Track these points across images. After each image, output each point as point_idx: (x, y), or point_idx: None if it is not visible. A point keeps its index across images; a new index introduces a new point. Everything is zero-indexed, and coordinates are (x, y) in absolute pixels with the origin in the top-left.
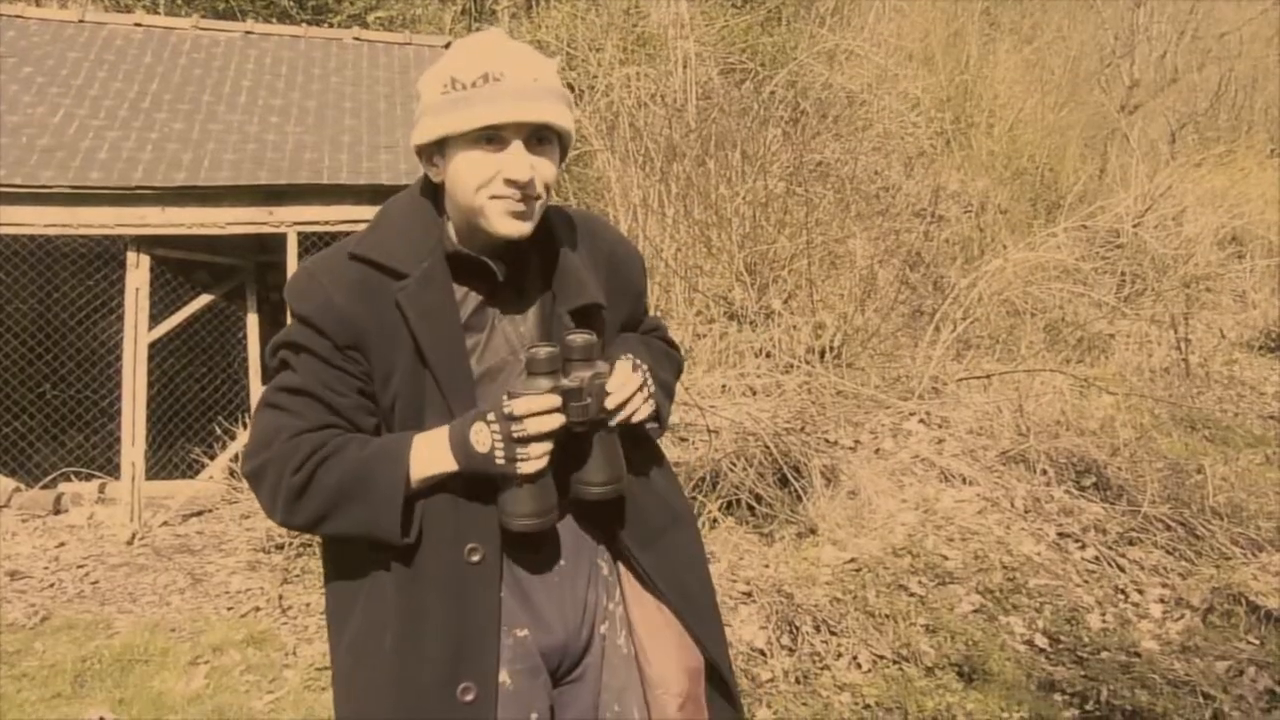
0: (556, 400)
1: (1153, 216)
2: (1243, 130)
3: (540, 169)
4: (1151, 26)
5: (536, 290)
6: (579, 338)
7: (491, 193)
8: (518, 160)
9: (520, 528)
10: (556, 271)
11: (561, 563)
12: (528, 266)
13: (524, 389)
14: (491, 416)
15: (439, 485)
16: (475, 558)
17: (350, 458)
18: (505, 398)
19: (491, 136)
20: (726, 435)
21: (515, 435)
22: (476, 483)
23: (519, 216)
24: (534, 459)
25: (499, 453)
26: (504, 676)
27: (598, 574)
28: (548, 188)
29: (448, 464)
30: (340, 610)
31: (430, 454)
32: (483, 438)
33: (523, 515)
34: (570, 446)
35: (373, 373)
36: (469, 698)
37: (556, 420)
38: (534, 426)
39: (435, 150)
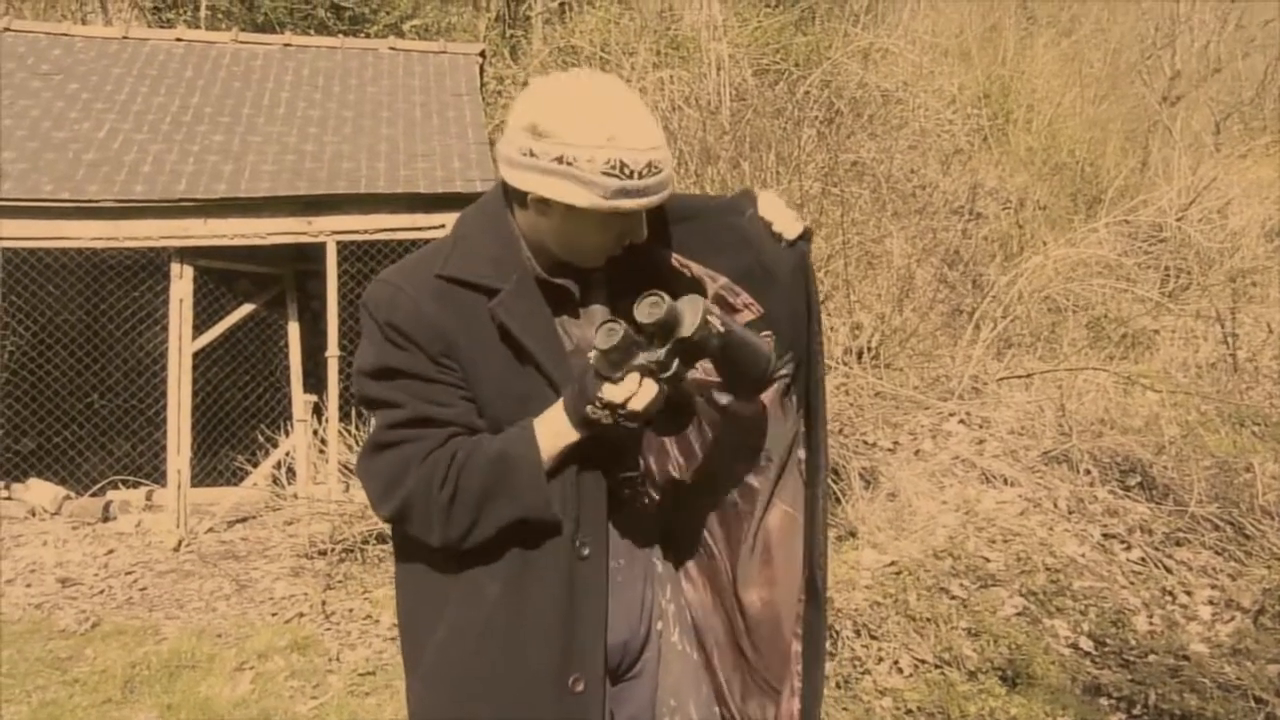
0: (635, 385)
1: (1197, 209)
2: None
3: None
4: (1193, 16)
5: (599, 299)
6: (649, 313)
7: (608, 251)
8: (643, 229)
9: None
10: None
11: (621, 561)
12: (594, 280)
13: (610, 371)
14: (600, 404)
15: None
16: (585, 551)
17: (485, 455)
18: (600, 384)
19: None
20: None
21: (623, 415)
22: (589, 480)
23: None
24: (645, 416)
25: (620, 423)
26: None
27: (653, 571)
28: None
29: (570, 435)
30: (425, 611)
31: (554, 431)
32: (599, 416)
33: (671, 429)
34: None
35: (471, 379)
36: (579, 688)
37: (650, 393)
38: (635, 405)
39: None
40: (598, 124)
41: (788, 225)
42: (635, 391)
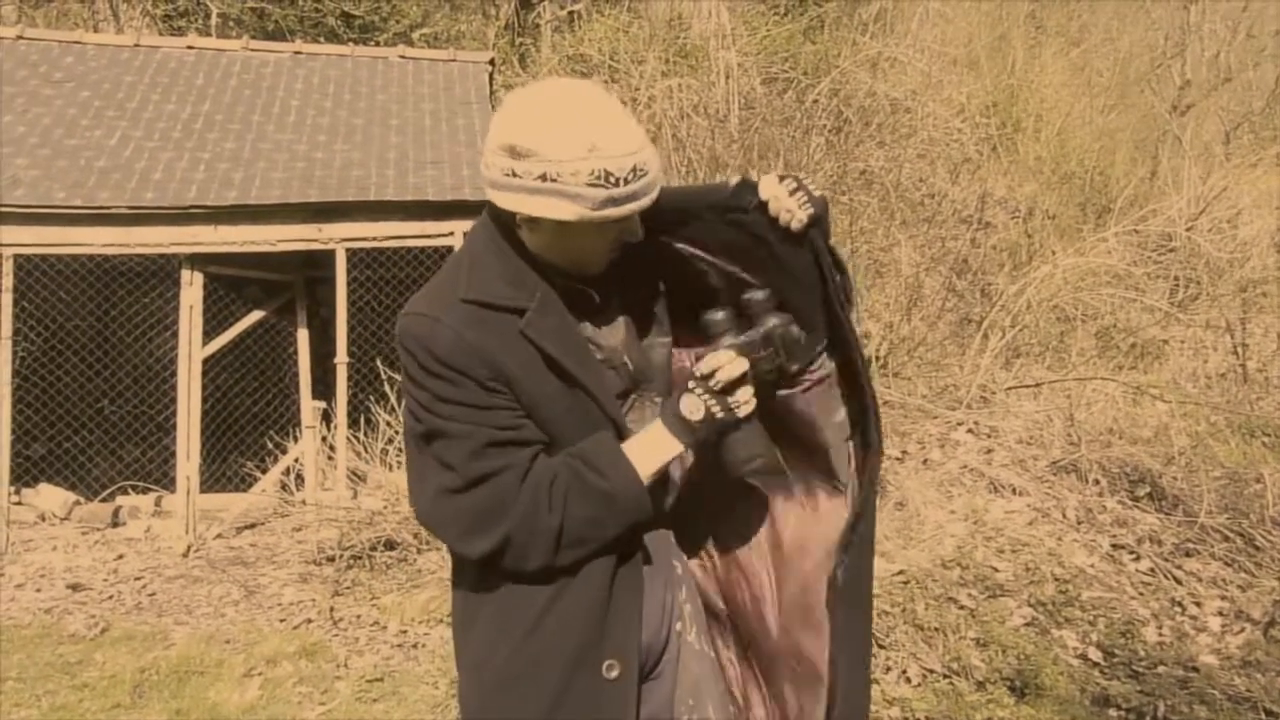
0: (733, 354)
1: (1207, 219)
2: None
3: None
4: (1203, 25)
5: (617, 308)
6: (756, 294)
7: (606, 256)
8: (639, 228)
9: (755, 468)
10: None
11: (646, 565)
12: (610, 286)
13: (710, 350)
14: (691, 385)
15: None
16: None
17: (588, 487)
18: (695, 364)
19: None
20: None
21: (715, 388)
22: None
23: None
24: (744, 403)
25: (715, 409)
26: None
27: (673, 574)
28: None
29: (674, 448)
30: (472, 604)
31: (653, 450)
32: (694, 405)
33: (754, 457)
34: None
35: (519, 401)
36: (613, 674)
37: (741, 365)
38: (723, 376)
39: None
40: (576, 136)
41: (793, 214)
42: (727, 363)
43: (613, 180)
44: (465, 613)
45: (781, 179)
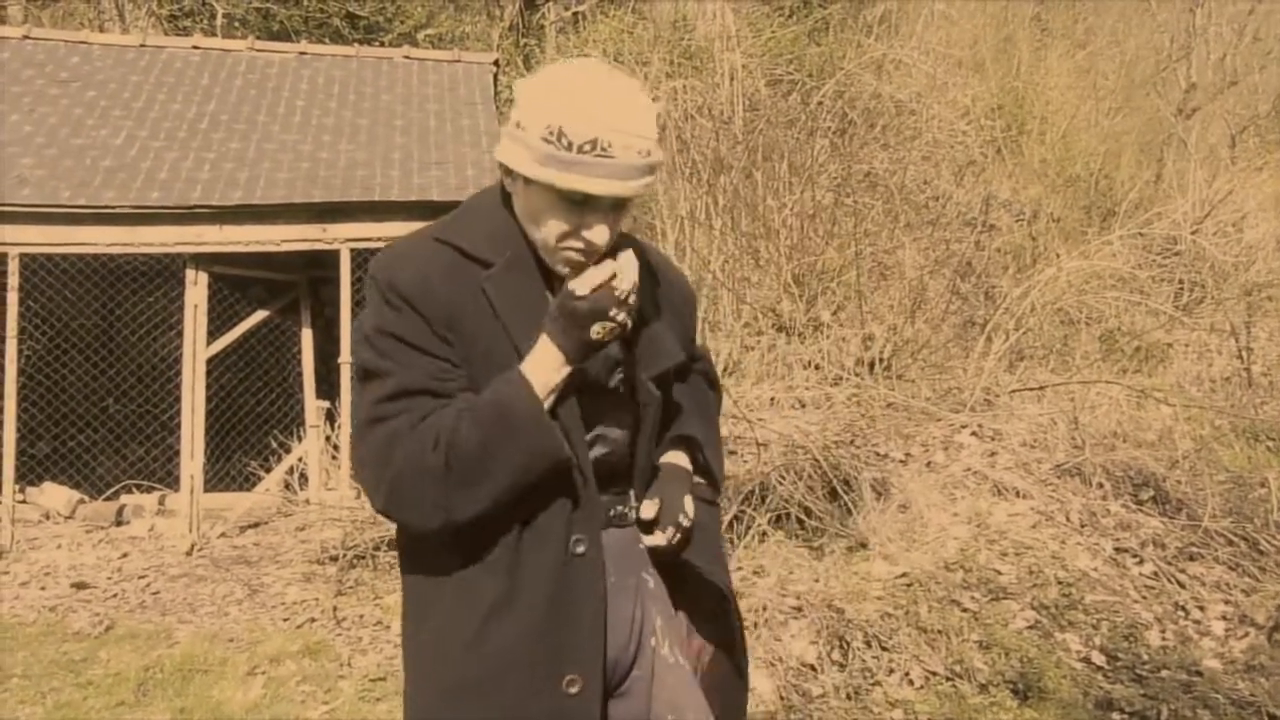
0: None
1: (1212, 223)
2: None
3: (612, 228)
4: (1209, 28)
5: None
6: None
7: (565, 244)
8: (602, 231)
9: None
10: (642, 333)
11: (613, 579)
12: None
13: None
14: (612, 311)
15: (546, 476)
16: (580, 549)
17: (475, 411)
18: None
19: (582, 199)
20: (775, 448)
21: (621, 297)
22: (587, 490)
23: (579, 266)
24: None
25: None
26: None
27: (644, 588)
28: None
29: (562, 369)
30: (420, 605)
31: (544, 369)
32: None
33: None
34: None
35: (466, 357)
36: (574, 689)
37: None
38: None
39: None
40: (551, 93)
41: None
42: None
43: (564, 142)
44: (414, 611)
45: (668, 543)
